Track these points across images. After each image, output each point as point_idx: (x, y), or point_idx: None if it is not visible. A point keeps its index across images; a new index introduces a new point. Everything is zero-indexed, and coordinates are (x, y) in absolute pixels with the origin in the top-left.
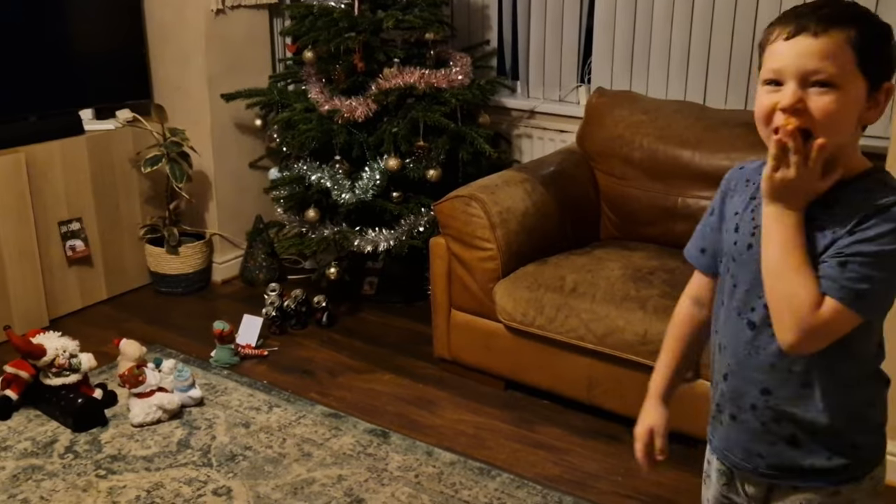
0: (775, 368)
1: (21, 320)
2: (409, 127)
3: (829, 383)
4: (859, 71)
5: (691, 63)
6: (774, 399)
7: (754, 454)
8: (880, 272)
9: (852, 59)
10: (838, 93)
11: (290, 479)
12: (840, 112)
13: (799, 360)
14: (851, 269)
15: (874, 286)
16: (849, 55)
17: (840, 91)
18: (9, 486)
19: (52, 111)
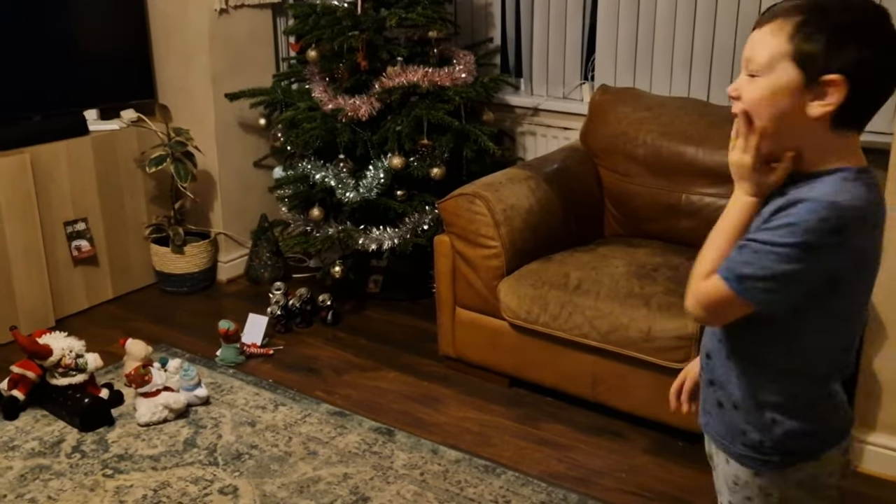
0: (714, 335)
1: (27, 320)
2: (413, 125)
3: (743, 364)
4: (792, 61)
5: (694, 59)
6: (711, 363)
7: (705, 412)
8: (766, 261)
9: (786, 49)
10: (764, 81)
11: (295, 478)
12: (764, 100)
13: (723, 332)
14: (743, 251)
15: (756, 272)
16: (782, 45)
17: (766, 80)
18: (17, 486)
19: (56, 112)
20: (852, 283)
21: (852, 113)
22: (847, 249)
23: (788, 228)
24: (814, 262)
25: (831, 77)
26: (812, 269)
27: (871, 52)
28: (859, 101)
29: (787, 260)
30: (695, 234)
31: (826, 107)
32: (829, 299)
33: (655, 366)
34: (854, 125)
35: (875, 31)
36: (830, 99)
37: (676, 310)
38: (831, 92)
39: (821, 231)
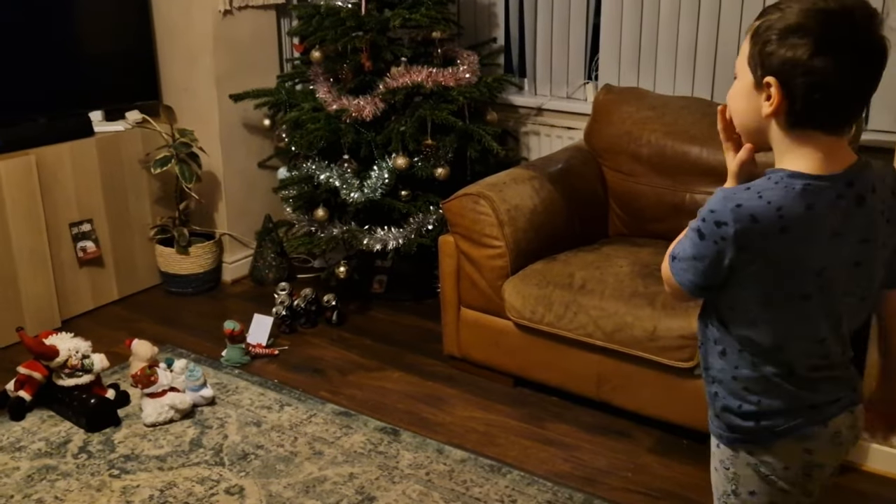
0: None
1: (33, 321)
2: (417, 125)
3: (709, 346)
4: (747, 65)
5: (698, 59)
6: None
7: None
8: (683, 242)
9: (747, 52)
10: (737, 82)
11: (301, 478)
12: (733, 98)
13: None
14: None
15: (677, 252)
16: (746, 48)
17: (738, 81)
18: (23, 487)
19: (61, 113)
20: (763, 280)
21: (806, 112)
22: (732, 244)
23: (699, 214)
24: (704, 248)
25: (767, 79)
26: (705, 254)
27: (801, 55)
28: (803, 101)
29: (690, 242)
30: None
31: (770, 107)
32: (740, 292)
33: (660, 365)
34: (813, 124)
35: (810, 35)
36: (773, 100)
37: (681, 309)
38: (771, 93)
39: (709, 220)
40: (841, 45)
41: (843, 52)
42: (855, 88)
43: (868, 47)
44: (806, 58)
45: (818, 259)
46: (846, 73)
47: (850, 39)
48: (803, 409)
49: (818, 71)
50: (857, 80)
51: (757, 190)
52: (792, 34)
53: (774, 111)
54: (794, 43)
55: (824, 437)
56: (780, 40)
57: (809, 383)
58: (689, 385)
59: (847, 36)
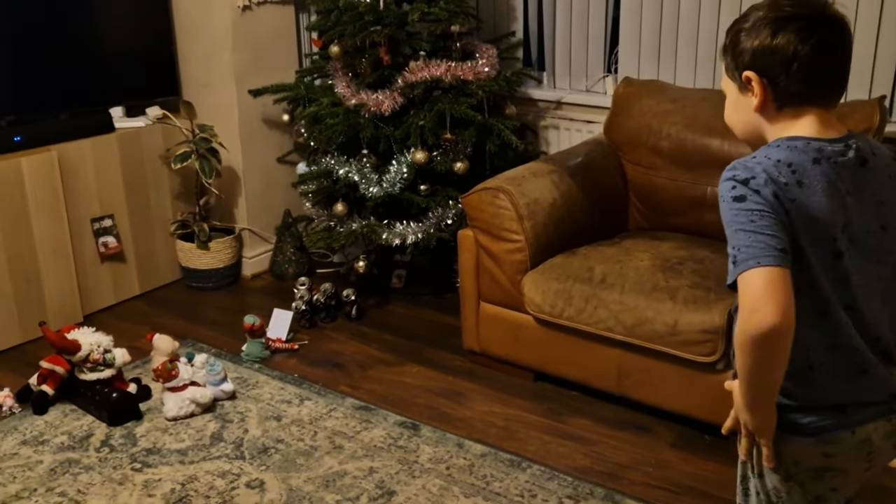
0: None
1: (55, 316)
2: (436, 120)
3: None
4: (728, 77)
5: (719, 51)
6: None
7: None
8: (733, 230)
9: (725, 67)
10: (727, 101)
11: (321, 472)
12: (729, 116)
13: None
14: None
15: (737, 243)
16: (725, 64)
17: (727, 98)
18: (46, 480)
19: (82, 109)
20: (798, 234)
21: (788, 89)
22: (768, 190)
23: (723, 198)
24: (754, 205)
25: (745, 74)
26: (759, 208)
27: (764, 39)
28: (782, 78)
29: (737, 220)
30: (720, 227)
31: (757, 98)
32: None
33: (682, 359)
34: (798, 98)
35: (766, 23)
36: (756, 91)
37: (703, 303)
38: (753, 86)
39: (738, 184)
40: (795, 20)
41: (800, 27)
42: (823, 56)
43: (822, 18)
44: (769, 41)
45: (839, 213)
46: (809, 42)
47: (802, 14)
48: (828, 409)
49: (783, 48)
50: (823, 48)
51: (763, 153)
52: (755, 27)
53: (762, 100)
54: (757, 33)
55: (848, 444)
56: (747, 35)
57: (841, 373)
58: (711, 380)
59: (799, 12)
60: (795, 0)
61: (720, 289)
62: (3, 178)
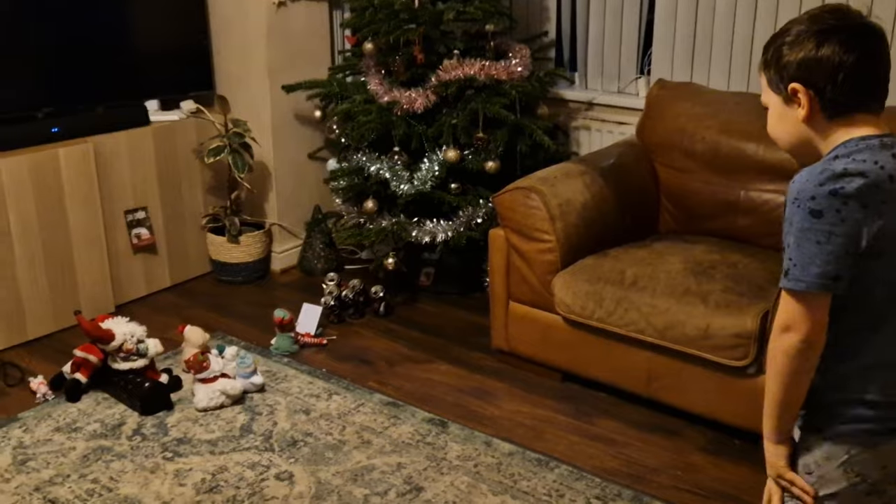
0: None
1: (88, 306)
2: (469, 119)
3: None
4: (770, 90)
5: (755, 54)
6: None
7: None
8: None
9: (766, 81)
10: (770, 113)
11: (350, 466)
12: (773, 128)
13: None
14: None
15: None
16: (764, 79)
17: (770, 111)
18: (79, 466)
19: (119, 103)
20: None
21: (836, 98)
22: (857, 204)
23: (795, 204)
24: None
25: (792, 86)
26: (832, 230)
27: (810, 51)
28: (830, 88)
29: (805, 233)
30: (753, 232)
31: (804, 109)
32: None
33: (712, 363)
34: (848, 107)
35: (810, 35)
36: (804, 102)
37: (735, 307)
38: (799, 97)
39: (819, 195)
40: (838, 32)
41: (842, 37)
42: (868, 64)
43: (862, 28)
44: (814, 52)
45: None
46: (854, 52)
47: (843, 26)
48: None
49: (828, 58)
50: (867, 57)
51: (844, 155)
52: (798, 40)
53: (809, 111)
54: (802, 42)
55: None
56: (790, 48)
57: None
58: (742, 384)
59: (840, 24)
60: (836, 13)
61: (753, 293)
62: (40, 169)
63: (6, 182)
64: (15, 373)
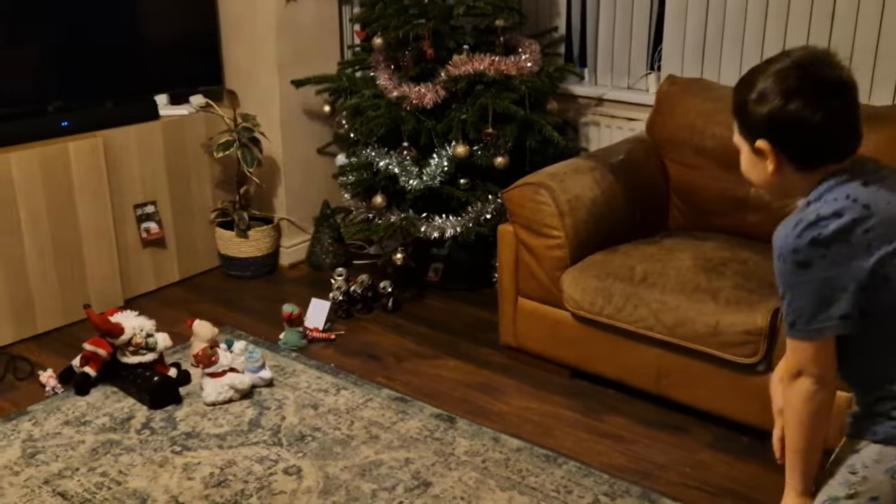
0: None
1: (97, 299)
2: (478, 114)
3: None
4: (740, 138)
5: (766, 49)
6: None
7: None
8: (794, 292)
9: (737, 128)
10: (742, 156)
11: (358, 461)
12: (747, 171)
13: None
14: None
15: (794, 307)
16: (735, 125)
17: (742, 154)
18: (88, 459)
19: (128, 97)
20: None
21: (804, 153)
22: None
23: (781, 259)
24: (819, 271)
25: (757, 144)
26: (825, 275)
27: (776, 107)
28: (796, 145)
29: (797, 284)
30: (763, 229)
31: (772, 164)
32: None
33: (722, 360)
34: (818, 160)
35: (776, 90)
36: (771, 159)
37: (745, 304)
38: (766, 153)
39: (801, 247)
40: (804, 91)
41: (808, 97)
42: (834, 120)
43: (828, 85)
44: (780, 107)
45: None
46: (820, 110)
47: (809, 85)
48: None
49: (793, 114)
50: (834, 114)
51: (815, 199)
52: (762, 97)
53: (777, 166)
54: (767, 100)
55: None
56: (755, 105)
57: None
58: (752, 381)
59: (806, 83)
60: (801, 70)
61: (763, 290)
62: (50, 163)
63: (16, 176)
64: (24, 366)
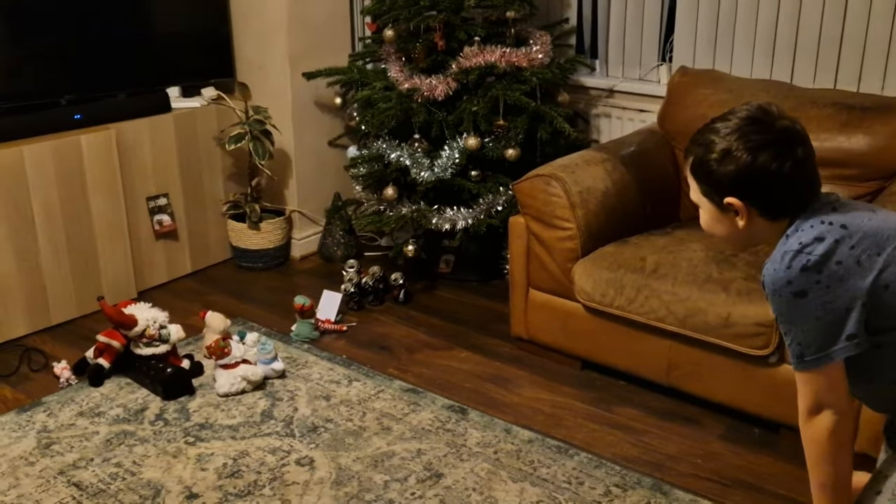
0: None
1: (110, 291)
2: (489, 106)
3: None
4: (704, 197)
5: (778, 40)
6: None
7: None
8: (797, 327)
9: (697, 188)
10: (702, 213)
11: (370, 452)
12: (710, 227)
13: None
14: (790, 346)
15: (801, 339)
16: (694, 184)
17: (702, 211)
18: (103, 450)
19: (140, 89)
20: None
21: (775, 205)
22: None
23: (775, 295)
24: (818, 299)
25: (727, 201)
26: (824, 301)
27: (743, 163)
28: (767, 198)
29: (800, 317)
30: None
31: (742, 219)
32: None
33: (733, 352)
34: (788, 209)
35: (741, 147)
36: (742, 213)
37: (757, 295)
38: (736, 208)
39: (796, 279)
40: (767, 146)
41: (773, 150)
42: (800, 170)
43: (788, 137)
44: (749, 163)
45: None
46: (786, 158)
47: (771, 133)
48: None
49: (763, 168)
50: (798, 163)
51: (793, 232)
52: (726, 155)
53: (748, 220)
54: (733, 158)
55: None
56: (719, 164)
57: None
58: (763, 373)
59: (768, 131)
60: (758, 125)
61: None
62: (63, 155)
63: (30, 169)
64: (39, 358)
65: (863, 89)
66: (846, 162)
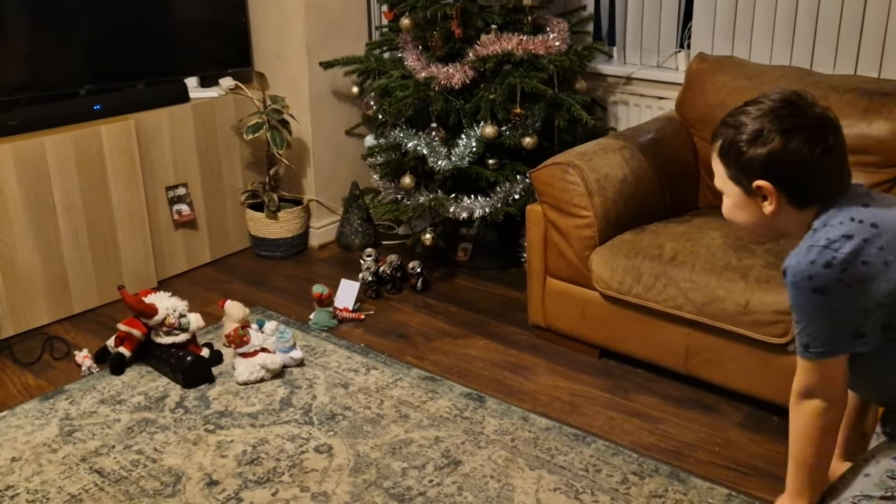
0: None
1: (131, 280)
2: (506, 94)
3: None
4: (730, 181)
5: (798, 26)
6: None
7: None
8: (809, 318)
9: (722, 172)
10: (726, 199)
11: (388, 439)
12: (734, 215)
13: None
14: (799, 334)
15: (810, 331)
16: (719, 168)
17: (726, 198)
18: (124, 437)
19: (159, 79)
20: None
21: (805, 191)
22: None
23: (795, 287)
24: (836, 297)
25: (756, 184)
26: (840, 301)
27: (776, 147)
28: (797, 183)
29: (815, 311)
30: None
31: (771, 205)
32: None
33: (752, 340)
34: (816, 197)
35: (773, 130)
36: (770, 198)
37: (776, 283)
38: (766, 193)
39: (818, 273)
40: (801, 129)
41: (805, 134)
42: (831, 157)
43: (822, 123)
44: (781, 147)
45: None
46: (818, 143)
47: (806, 123)
48: None
49: (796, 152)
50: (830, 151)
51: (821, 226)
52: (757, 137)
53: (777, 206)
54: (764, 139)
55: None
56: (750, 146)
57: None
58: (782, 361)
59: (801, 115)
60: (793, 109)
61: None
62: (83, 145)
63: (51, 159)
64: (61, 346)
65: (884, 75)
66: (867, 148)
